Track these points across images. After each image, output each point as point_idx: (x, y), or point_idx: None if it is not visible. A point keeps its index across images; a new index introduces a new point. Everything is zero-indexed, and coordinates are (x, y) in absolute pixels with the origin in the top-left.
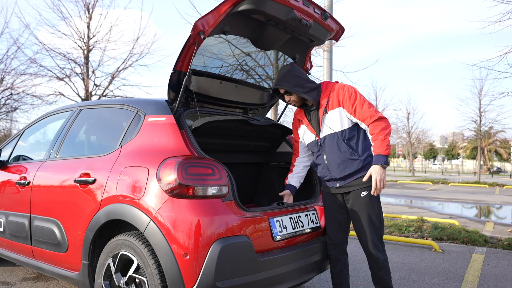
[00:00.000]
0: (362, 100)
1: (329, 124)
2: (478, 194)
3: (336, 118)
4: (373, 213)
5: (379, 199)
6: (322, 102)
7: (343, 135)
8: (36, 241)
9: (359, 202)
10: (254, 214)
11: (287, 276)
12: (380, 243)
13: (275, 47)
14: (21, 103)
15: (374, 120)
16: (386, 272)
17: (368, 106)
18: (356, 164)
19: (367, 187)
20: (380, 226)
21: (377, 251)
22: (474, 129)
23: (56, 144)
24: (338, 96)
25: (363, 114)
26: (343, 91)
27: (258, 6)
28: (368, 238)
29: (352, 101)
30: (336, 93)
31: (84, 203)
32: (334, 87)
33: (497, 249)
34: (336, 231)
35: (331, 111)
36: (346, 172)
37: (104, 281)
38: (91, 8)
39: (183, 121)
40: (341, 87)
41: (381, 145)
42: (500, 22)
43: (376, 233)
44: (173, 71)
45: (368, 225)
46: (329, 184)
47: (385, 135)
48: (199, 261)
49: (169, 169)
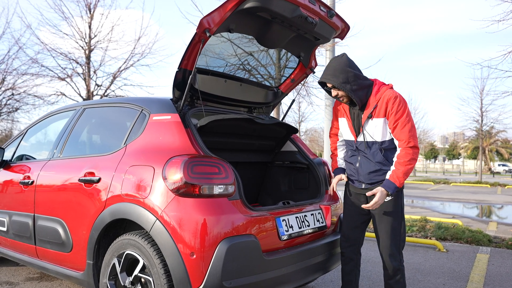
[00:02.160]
0: (407, 120)
1: (370, 131)
2: (480, 194)
3: (379, 127)
4: (395, 219)
5: (403, 206)
6: (370, 106)
7: (382, 145)
8: (40, 240)
9: (382, 206)
10: (261, 214)
11: (293, 275)
12: (397, 251)
13: (280, 45)
14: (23, 103)
15: (408, 146)
16: (397, 282)
17: (409, 129)
18: (385, 174)
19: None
20: (399, 234)
21: (392, 259)
22: (475, 129)
23: (60, 144)
24: (387, 106)
25: (401, 135)
26: (394, 103)
27: (264, 4)
28: (386, 244)
29: (397, 117)
30: (385, 101)
31: (89, 203)
32: (386, 93)
33: (502, 249)
34: (352, 230)
35: (376, 118)
36: (375, 180)
37: (109, 281)
38: (93, 8)
39: (188, 120)
40: (393, 97)
41: (400, 175)
42: (504, 21)
43: (394, 240)
44: (178, 70)
45: (388, 231)
46: (355, 184)
47: (410, 168)
48: (206, 260)
49: (175, 167)
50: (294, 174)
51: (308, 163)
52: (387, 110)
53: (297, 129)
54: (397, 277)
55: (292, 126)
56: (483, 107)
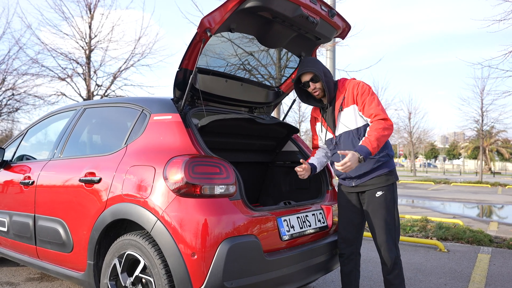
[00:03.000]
0: (372, 98)
1: (344, 122)
2: (481, 194)
3: (350, 115)
4: (388, 214)
5: (396, 200)
6: (338, 99)
7: (358, 133)
8: (41, 241)
9: (373, 202)
10: (262, 214)
11: (295, 276)
12: (394, 245)
13: (281, 45)
14: (23, 104)
15: (378, 118)
16: (396, 277)
17: (377, 104)
18: (372, 163)
19: (383, 187)
20: (394, 228)
21: (389, 253)
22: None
23: (60, 144)
24: (353, 92)
25: (369, 110)
26: (357, 88)
27: (265, 3)
28: (381, 239)
29: (363, 98)
30: (351, 89)
31: (90, 203)
32: (350, 84)
33: (503, 249)
34: (349, 231)
35: (346, 108)
36: (361, 170)
37: (110, 281)
38: (93, 8)
39: (189, 120)
40: (356, 84)
41: (373, 141)
42: (505, 21)
43: (390, 235)
44: (179, 69)
45: (382, 226)
46: (345, 183)
47: (382, 135)
48: (207, 261)
49: (176, 168)
50: (295, 174)
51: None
52: (354, 97)
53: (298, 129)
54: (396, 271)
55: (293, 126)
56: (483, 107)
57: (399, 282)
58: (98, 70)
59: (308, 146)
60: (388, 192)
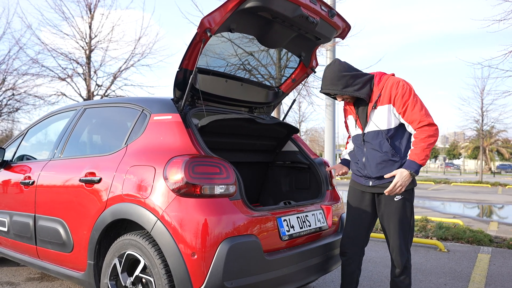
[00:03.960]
0: (415, 100)
1: (376, 121)
2: (481, 193)
3: (384, 115)
4: (405, 219)
5: (413, 205)
6: (373, 96)
7: (388, 134)
8: (41, 241)
9: (391, 206)
10: (262, 214)
11: (295, 276)
12: (406, 249)
13: (281, 45)
14: (23, 104)
15: (423, 125)
16: (403, 280)
17: (420, 108)
18: (396, 166)
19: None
20: (409, 233)
21: (401, 257)
22: (475, 128)
23: (61, 144)
24: (391, 92)
25: (413, 116)
26: (397, 87)
27: (265, 3)
28: (395, 244)
29: (404, 100)
30: (389, 88)
31: (90, 203)
32: (388, 81)
33: (503, 248)
34: (357, 230)
35: (380, 106)
36: (384, 172)
37: (110, 281)
38: (93, 8)
39: (189, 120)
40: (395, 82)
41: (420, 153)
42: (504, 21)
43: (403, 239)
44: (179, 69)
45: (397, 230)
46: (361, 181)
47: (429, 144)
48: (207, 260)
49: (176, 168)
50: (295, 174)
51: (309, 163)
52: (391, 96)
53: (298, 129)
54: (404, 275)
55: (293, 126)
56: (483, 106)
57: (405, 285)
58: (98, 70)
59: (308, 146)
60: (407, 197)
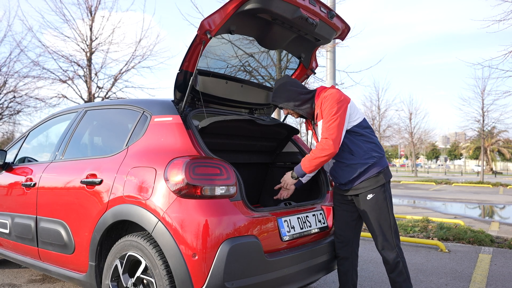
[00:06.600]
0: (330, 116)
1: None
2: (482, 194)
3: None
4: (381, 215)
5: (389, 200)
6: (315, 112)
7: None
8: (43, 242)
9: (365, 205)
10: (262, 214)
11: (296, 276)
12: (392, 244)
13: (281, 47)
14: (24, 106)
15: (322, 137)
16: (398, 275)
17: (328, 123)
18: (358, 168)
19: (373, 189)
20: (390, 228)
21: (388, 252)
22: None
23: (62, 146)
24: (321, 108)
25: (322, 129)
26: (325, 102)
27: (264, 5)
28: (378, 240)
29: (325, 114)
30: (320, 105)
31: (91, 204)
32: (321, 97)
33: (504, 249)
34: (344, 231)
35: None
36: (350, 177)
37: (112, 282)
38: (94, 10)
39: (189, 121)
40: (323, 98)
41: (307, 163)
42: (504, 21)
43: (386, 235)
44: (179, 71)
45: (377, 227)
46: (339, 186)
47: (317, 157)
48: (208, 261)
49: (177, 169)
50: None
51: None
52: (322, 112)
53: (298, 130)
54: (398, 269)
55: (293, 127)
56: (484, 107)
57: (402, 279)
58: (99, 72)
59: (309, 147)
60: (379, 194)
